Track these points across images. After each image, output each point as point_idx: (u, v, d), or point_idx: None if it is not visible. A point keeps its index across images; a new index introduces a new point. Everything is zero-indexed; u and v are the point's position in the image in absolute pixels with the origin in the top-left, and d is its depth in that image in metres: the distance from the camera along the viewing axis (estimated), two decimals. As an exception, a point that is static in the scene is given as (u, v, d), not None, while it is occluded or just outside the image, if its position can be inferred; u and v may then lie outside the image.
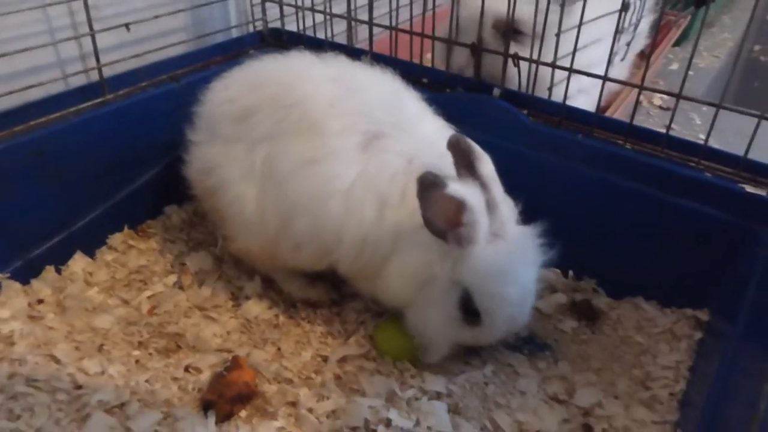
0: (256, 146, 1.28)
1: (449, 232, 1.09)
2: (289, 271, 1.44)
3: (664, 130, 1.37)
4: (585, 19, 1.40)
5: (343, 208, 1.20)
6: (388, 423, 1.13)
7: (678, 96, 1.33)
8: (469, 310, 1.15)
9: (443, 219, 1.08)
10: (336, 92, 1.26)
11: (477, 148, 1.12)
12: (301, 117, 1.24)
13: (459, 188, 1.03)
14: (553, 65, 1.46)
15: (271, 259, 1.37)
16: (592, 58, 1.57)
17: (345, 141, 1.21)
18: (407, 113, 1.28)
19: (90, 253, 1.52)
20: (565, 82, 1.45)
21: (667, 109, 2.54)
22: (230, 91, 1.36)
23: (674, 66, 2.98)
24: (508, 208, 1.16)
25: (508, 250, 1.12)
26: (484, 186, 1.10)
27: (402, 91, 1.33)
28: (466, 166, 1.12)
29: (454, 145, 1.13)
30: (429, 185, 1.04)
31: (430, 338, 1.22)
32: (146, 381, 1.22)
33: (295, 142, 1.24)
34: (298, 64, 1.36)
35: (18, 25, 1.42)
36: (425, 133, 1.26)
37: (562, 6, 1.41)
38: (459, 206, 1.04)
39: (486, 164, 1.12)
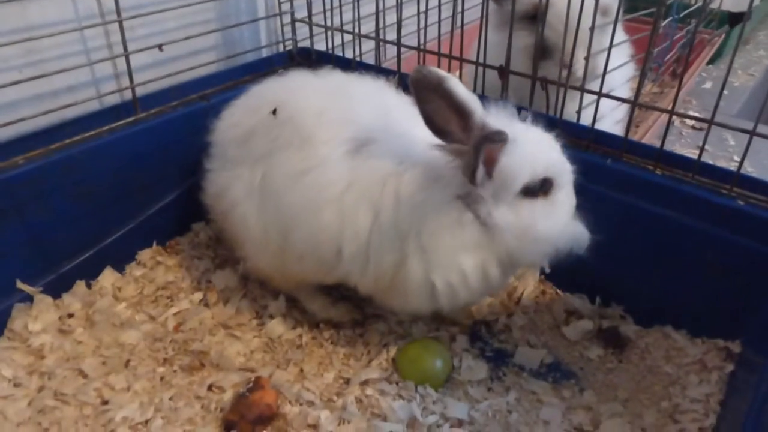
0: (256, 165, 1.29)
1: (486, 172, 1.07)
2: (311, 290, 1.45)
3: (696, 151, 1.34)
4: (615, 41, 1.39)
5: (337, 218, 1.18)
6: (408, 449, 1.13)
7: (710, 122, 1.30)
8: (533, 188, 1.11)
9: (485, 161, 1.06)
10: (325, 103, 1.26)
11: (442, 73, 1.03)
12: (292, 131, 1.25)
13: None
14: (582, 89, 1.45)
15: (282, 275, 1.38)
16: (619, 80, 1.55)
17: (334, 149, 1.20)
18: (397, 118, 1.24)
19: (120, 268, 1.55)
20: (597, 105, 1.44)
21: (700, 129, 2.49)
22: (234, 117, 1.39)
23: (707, 84, 2.93)
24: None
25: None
26: (464, 111, 1.04)
27: (393, 98, 1.31)
28: (440, 95, 1.04)
29: (419, 80, 1.04)
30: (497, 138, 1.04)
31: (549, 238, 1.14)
32: (170, 399, 1.23)
33: (287, 156, 1.25)
34: (293, 82, 1.37)
35: (56, 46, 1.46)
36: (415, 136, 1.18)
37: (592, 30, 1.40)
38: (502, 140, 1.04)
39: (457, 84, 1.04)
